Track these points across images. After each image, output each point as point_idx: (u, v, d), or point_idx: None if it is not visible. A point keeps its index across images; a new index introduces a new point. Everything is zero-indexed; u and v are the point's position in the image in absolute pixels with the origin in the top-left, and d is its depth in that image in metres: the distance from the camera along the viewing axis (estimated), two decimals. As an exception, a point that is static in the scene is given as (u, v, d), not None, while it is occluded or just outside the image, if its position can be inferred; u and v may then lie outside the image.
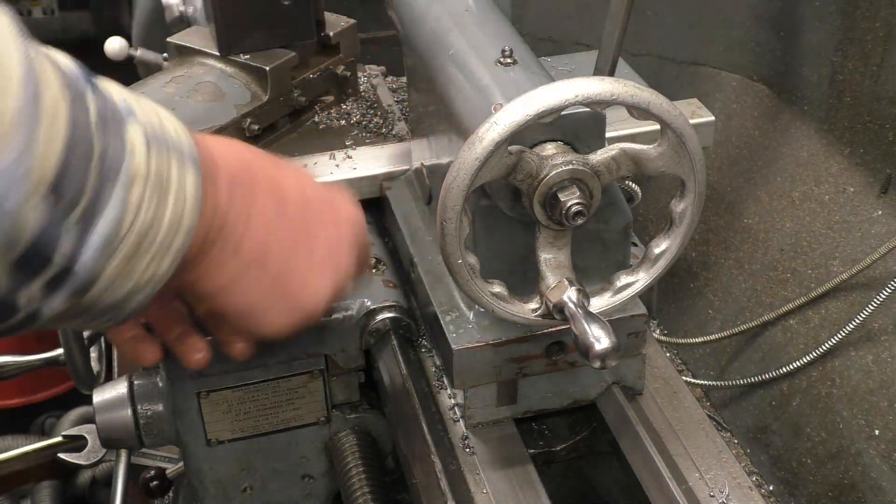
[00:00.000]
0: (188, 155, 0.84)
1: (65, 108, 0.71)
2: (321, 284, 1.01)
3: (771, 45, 1.61)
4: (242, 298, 0.97)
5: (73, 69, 0.76)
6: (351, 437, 1.30)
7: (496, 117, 0.89)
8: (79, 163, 0.72)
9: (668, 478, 1.05)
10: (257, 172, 0.96)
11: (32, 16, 3.37)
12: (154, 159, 0.80)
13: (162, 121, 0.84)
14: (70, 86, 0.73)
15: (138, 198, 0.78)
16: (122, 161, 0.76)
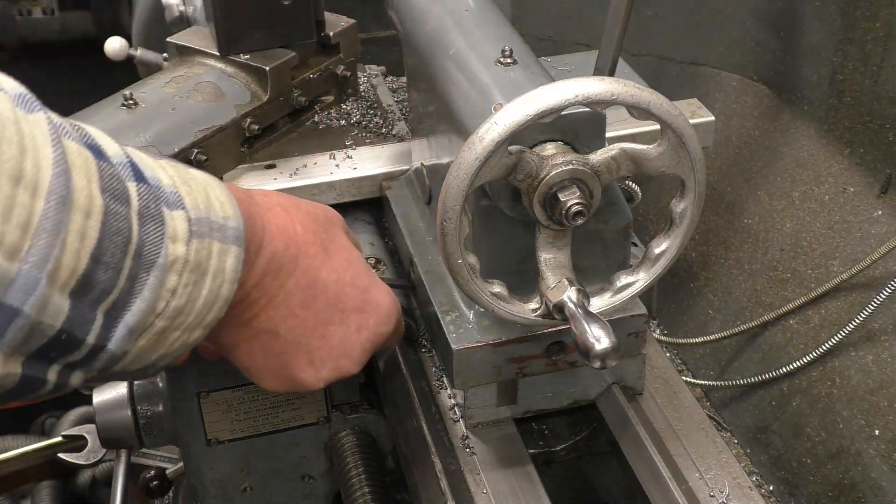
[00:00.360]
0: (232, 235, 0.85)
1: (100, 206, 0.71)
2: (324, 369, 1.03)
3: (771, 44, 1.61)
4: (245, 359, 1.00)
5: (120, 159, 0.76)
6: (351, 437, 1.30)
7: (496, 117, 0.89)
8: (112, 257, 0.72)
9: (668, 478, 1.05)
10: (301, 263, 0.98)
11: (32, 16, 3.37)
12: (195, 245, 0.80)
13: (210, 200, 0.84)
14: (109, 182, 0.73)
15: (174, 284, 0.79)
16: (159, 251, 0.77)
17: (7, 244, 0.65)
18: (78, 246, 0.69)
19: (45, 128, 0.68)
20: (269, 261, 0.94)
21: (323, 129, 1.45)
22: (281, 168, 1.36)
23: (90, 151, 0.72)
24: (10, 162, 0.64)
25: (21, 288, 0.66)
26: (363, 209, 1.38)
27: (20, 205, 0.65)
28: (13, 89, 0.68)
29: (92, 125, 1.24)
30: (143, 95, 1.31)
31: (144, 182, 0.77)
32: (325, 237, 1.02)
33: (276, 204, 0.99)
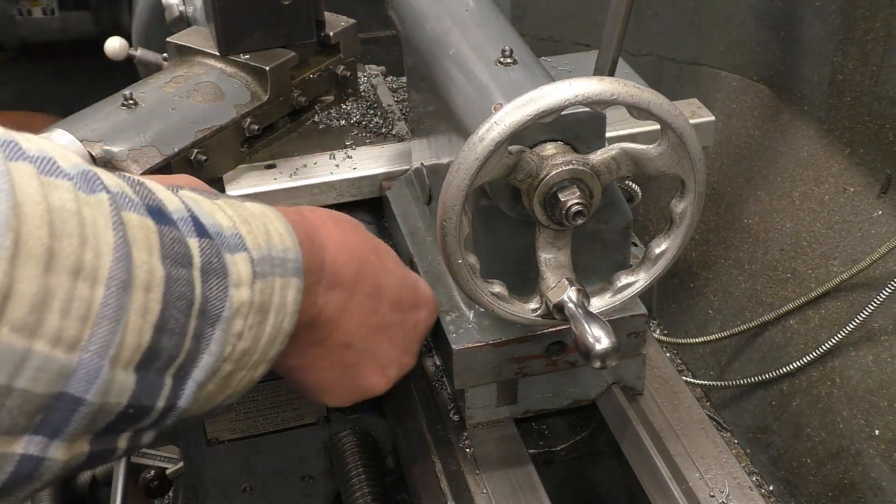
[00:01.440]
0: (292, 267, 0.85)
1: (161, 277, 0.70)
2: (392, 370, 1.06)
3: (771, 45, 1.61)
4: (316, 377, 1.02)
5: (181, 214, 0.76)
6: (351, 437, 1.30)
7: (496, 117, 0.89)
8: (176, 323, 0.72)
9: (668, 478, 1.05)
10: (363, 272, 1.00)
11: (32, 16, 3.37)
12: (259, 286, 0.80)
13: (270, 235, 0.84)
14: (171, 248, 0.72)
15: (239, 329, 0.79)
16: (224, 304, 0.76)
17: (67, 338, 0.64)
18: (140, 323, 0.69)
19: (107, 209, 0.67)
20: (334, 276, 0.95)
21: (323, 129, 1.45)
22: (281, 168, 1.36)
23: (151, 218, 0.72)
24: (71, 257, 0.64)
25: (83, 377, 0.66)
26: (363, 209, 1.38)
27: (79, 297, 0.64)
28: (74, 168, 0.67)
29: (92, 125, 1.25)
30: (143, 95, 1.31)
31: (205, 235, 0.76)
32: (372, 242, 1.05)
33: (327, 218, 1.00)
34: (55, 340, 0.63)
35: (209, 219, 0.79)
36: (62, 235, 0.63)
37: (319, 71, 1.45)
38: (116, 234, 0.67)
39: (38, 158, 0.65)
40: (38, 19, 3.37)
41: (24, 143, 0.65)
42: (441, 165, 1.17)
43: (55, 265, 0.63)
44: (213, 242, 0.77)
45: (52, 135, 1.22)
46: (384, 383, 1.06)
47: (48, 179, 0.64)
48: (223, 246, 0.78)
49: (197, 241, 0.75)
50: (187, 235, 0.75)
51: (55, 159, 0.66)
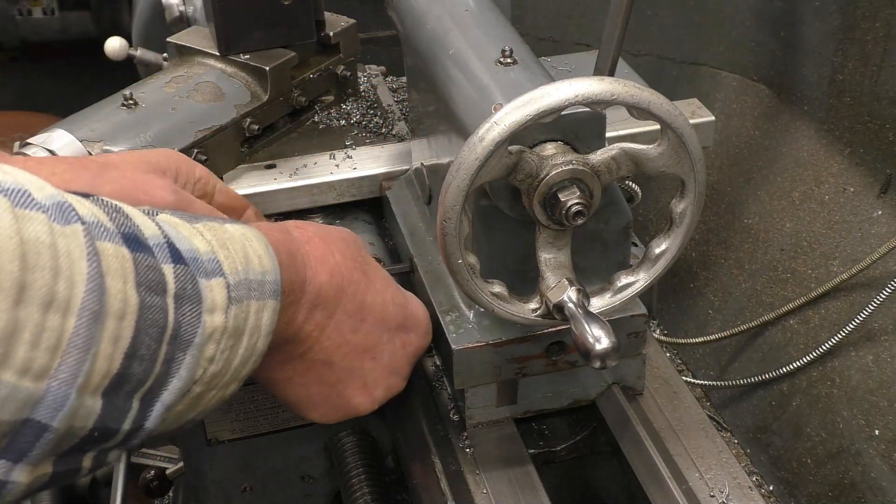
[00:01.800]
0: (269, 289, 0.86)
1: (135, 305, 0.71)
2: (377, 391, 1.06)
3: (771, 45, 1.61)
4: (299, 391, 1.02)
5: (157, 240, 0.76)
6: (351, 437, 1.30)
7: (496, 117, 0.89)
8: (147, 349, 0.73)
9: (668, 478, 1.05)
10: (346, 289, 1.00)
11: (32, 16, 3.37)
12: (233, 311, 0.81)
13: (248, 258, 0.84)
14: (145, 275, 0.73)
15: (211, 353, 0.79)
16: (197, 329, 0.77)
17: (35, 368, 0.65)
18: (111, 350, 0.69)
19: (81, 239, 0.68)
20: (317, 294, 0.96)
21: (323, 129, 1.45)
22: (281, 168, 1.35)
23: (126, 246, 0.72)
24: (43, 289, 0.64)
25: (50, 405, 0.66)
26: (363, 209, 1.38)
27: (50, 328, 0.65)
28: (49, 199, 0.67)
29: (92, 125, 1.25)
30: (143, 95, 1.31)
31: (181, 262, 0.77)
32: (361, 260, 1.04)
33: (313, 235, 1.00)
34: (23, 371, 0.64)
35: (186, 244, 0.79)
36: (35, 268, 0.64)
37: (319, 71, 1.45)
38: (90, 264, 0.68)
39: (12, 191, 0.65)
40: (38, 19, 3.37)
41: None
42: (441, 165, 1.17)
43: (26, 298, 0.63)
44: (188, 269, 0.77)
45: (52, 135, 1.22)
46: (369, 403, 1.06)
47: (22, 212, 0.65)
48: (199, 271, 0.78)
49: (172, 268, 0.76)
50: (162, 262, 0.75)
51: (30, 191, 0.66)
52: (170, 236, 0.78)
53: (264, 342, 0.86)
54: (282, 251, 0.90)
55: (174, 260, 0.76)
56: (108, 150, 1.23)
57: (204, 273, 0.79)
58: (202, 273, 0.78)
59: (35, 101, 3.08)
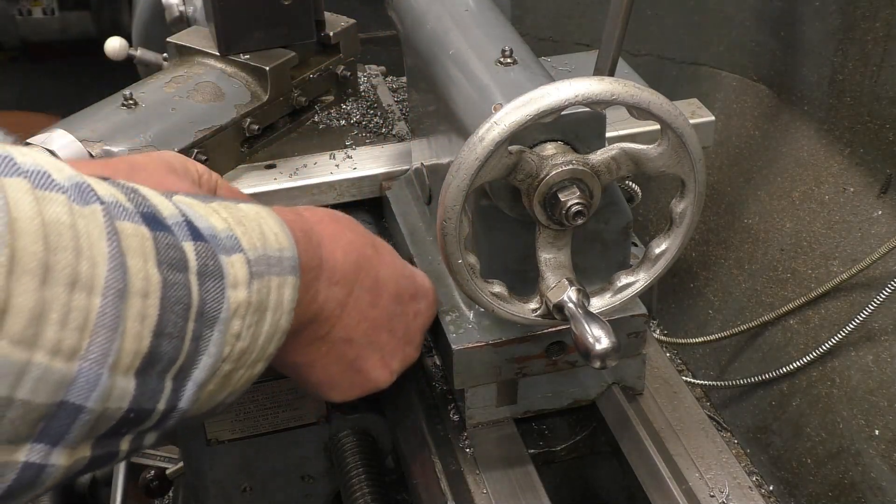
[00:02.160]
0: (288, 266, 0.86)
1: (158, 282, 0.71)
2: (395, 362, 1.07)
3: (771, 45, 1.61)
4: (320, 373, 1.03)
5: (176, 219, 0.76)
6: (351, 437, 1.30)
7: (496, 117, 0.89)
8: (175, 326, 0.73)
9: (668, 478, 1.05)
10: (362, 266, 1.01)
11: (32, 16, 3.37)
12: (255, 286, 0.81)
13: (265, 234, 0.85)
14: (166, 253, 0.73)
15: (237, 329, 0.79)
16: (221, 305, 0.77)
17: (66, 348, 0.65)
18: (139, 329, 0.70)
19: (101, 220, 0.68)
20: (333, 272, 0.96)
21: (323, 129, 1.45)
22: (281, 168, 1.36)
23: (145, 225, 0.72)
24: (66, 269, 0.65)
25: (83, 385, 0.66)
26: (363, 209, 1.38)
27: (76, 308, 0.65)
28: (69, 181, 0.68)
29: (92, 125, 1.25)
30: (143, 95, 1.31)
31: (200, 238, 0.77)
32: (369, 236, 1.05)
33: (323, 215, 1.01)
34: (54, 351, 0.64)
35: (204, 222, 0.79)
36: (57, 248, 0.64)
37: (319, 71, 1.45)
38: (111, 244, 0.68)
39: (32, 173, 0.66)
40: (38, 19, 3.37)
41: (18, 158, 0.66)
42: (441, 165, 1.17)
43: (51, 278, 0.64)
44: (208, 245, 0.77)
45: (52, 135, 1.22)
46: (388, 375, 1.07)
47: (43, 193, 0.65)
48: (219, 248, 0.78)
49: (192, 245, 0.76)
50: (182, 240, 0.75)
51: (49, 172, 0.67)
52: (187, 214, 0.78)
53: (287, 318, 0.86)
54: (296, 230, 0.90)
55: (194, 237, 0.77)
56: (109, 150, 1.23)
57: (224, 249, 0.79)
58: (222, 249, 0.79)
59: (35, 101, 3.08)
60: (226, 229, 0.81)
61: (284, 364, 1.00)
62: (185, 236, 0.76)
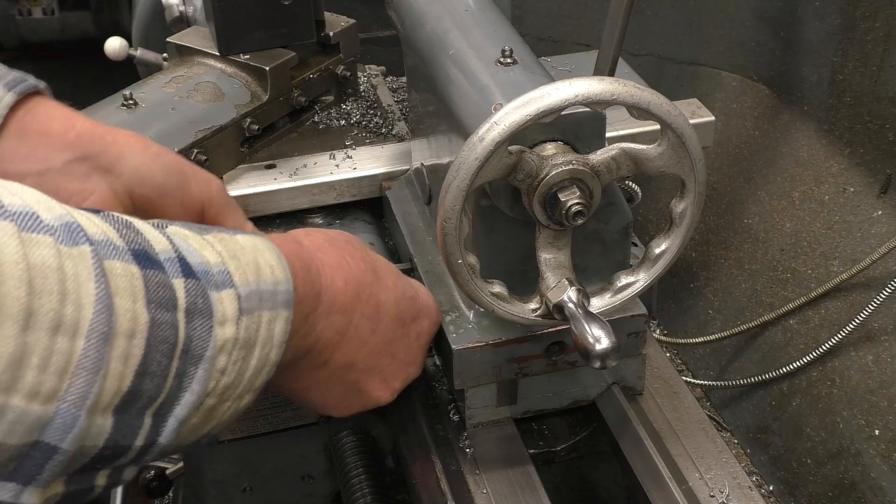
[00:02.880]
0: (282, 300, 0.85)
1: (145, 322, 0.71)
2: (396, 381, 1.07)
3: (771, 45, 1.61)
4: (320, 396, 1.03)
5: (168, 254, 0.76)
6: (351, 437, 1.30)
7: (496, 117, 0.89)
8: (159, 365, 0.72)
9: (668, 478, 1.05)
10: (362, 294, 1.00)
11: (32, 16, 3.37)
12: (244, 322, 0.80)
13: (259, 268, 0.84)
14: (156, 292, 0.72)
15: (223, 365, 0.79)
16: (208, 343, 0.76)
17: (44, 391, 0.64)
18: (122, 369, 0.69)
19: (89, 260, 0.67)
20: (332, 302, 0.95)
21: (323, 130, 1.45)
22: (281, 168, 1.35)
23: (136, 263, 0.72)
24: (50, 314, 0.64)
25: (59, 427, 0.66)
26: (363, 209, 1.38)
27: (58, 352, 0.65)
28: (57, 220, 0.67)
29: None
30: (143, 95, 1.31)
31: (192, 275, 0.76)
32: (369, 260, 1.04)
33: (323, 241, 1.00)
34: (32, 395, 0.64)
35: (196, 257, 0.78)
36: (42, 292, 0.64)
37: (319, 71, 1.44)
38: (98, 285, 0.67)
39: (19, 214, 0.65)
40: (38, 19, 3.36)
41: (6, 199, 0.65)
42: (441, 165, 1.17)
43: (33, 322, 0.63)
44: (198, 282, 0.77)
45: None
46: (389, 394, 1.07)
47: (29, 236, 0.65)
48: (209, 284, 0.78)
49: (183, 282, 0.75)
50: (173, 276, 0.75)
51: (37, 213, 0.66)
52: (180, 249, 0.77)
53: (277, 353, 0.85)
54: (295, 262, 0.90)
55: (185, 274, 0.76)
56: (108, 150, 1.23)
57: (214, 285, 0.78)
58: (212, 286, 0.78)
59: (35, 101, 3.07)
60: (218, 264, 0.80)
61: (283, 390, 1.01)
62: (176, 273, 0.75)
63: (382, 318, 1.02)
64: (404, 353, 1.06)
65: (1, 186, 0.67)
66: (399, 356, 1.06)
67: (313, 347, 0.95)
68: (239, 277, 0.81)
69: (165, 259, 0.75)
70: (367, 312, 1.00)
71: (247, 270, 0.82)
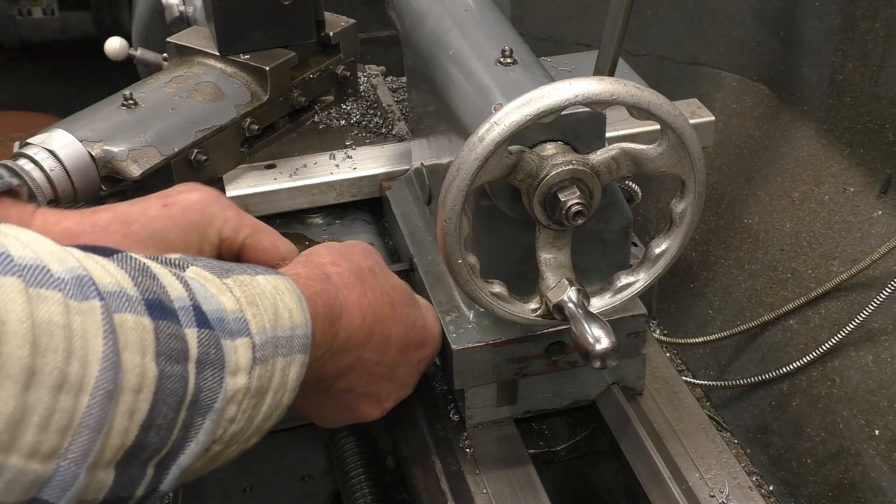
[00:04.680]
0: (298, 344, 0.84)
1: (154, 376, 0.69)
2: (388, 402, 1.07)
3: (771, 45, 1.61)
4: (314, 412, 1.04)
5: (183, 303, 0.74)
6: (351, 437, 1.30)
7: (496, 117, 0.89)
8: (165, 418, 0.71)
9: (668, 478, 1.05)
10: (375, 329, 0.99)
11: (32, 16, 3.37)
12: (258, 371, 0.79)
13: (278, 314, 0.82)
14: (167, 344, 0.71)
15: (232, 415, 0.78)
16: (217, 396, 0.75)
17: (44, 450, 0.63)
18: (126, 424, 0.68)
19: (98, 316, 0.66)
20: (348, 338, 0.95)
21: (323, 130, 1.45)
22: (281, 168, 1.36)
23: (149, 315, 0.70)
24: (54, 372, 0.63)
25: (58, 485, 0.65)
26: (363, 209, 1.38)
27: (61, 410, 0.63)
28: (68, 273, 0.66)
29: (92, 125, 1.25)
30: (143, 95, 1.31)
31: (206, 325, 0.75)
32: (388, 291, 1.03)
33: (350, 276, 0.98)
34: (31, 454, 0.63)
35: (212, 304, 0.77)
36: (46, 350, 0.63)
37: (319, 71, 1.45)
38: (106, 342, 0.66)
39: (29, 268, 0.64)
40: (38, 19, 3.36)
41: (17, 252, 0.64)
42: (441, 165, 1.17)
43: (35, 382, 0.62)
44: (212, 332, 0.75)
45: (52, 135, 1.22)
46: (379, 413, 1.07)
47: (37, 291, 0.63)
48: (224, 333, 0.76)
49: (196, 332, 0.74)
50: (186, 326, 0.73)
51: (48, 266, 0.65)
52: (196, 296, 0.76)
53: (290, 397, 0.85)
54: (318, 303, 0.89)
55: (198, 324, 0.74)
56: (109, 150, 1.23)
57: (229, 334, 0.77)
58: (227, 334, 0.77)
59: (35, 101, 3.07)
60: (235, 311, 0.78)
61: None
62: (189, 322, 0.74)
63: (390, 349, 1.02)
64: (403, 378, 1.07)
65: (13, 236, 0.66)
66: (397, 381, 1.06)
67: (318, 378, 0.95)
68: (256, 325, 0.79)
69: (180, 307, 0.74)
70: (377, 346, 1.00)
71: (264, 317, 0.80)
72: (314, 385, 0.95)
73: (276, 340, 0.81)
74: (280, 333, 0.82)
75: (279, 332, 0.82)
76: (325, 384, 0.98)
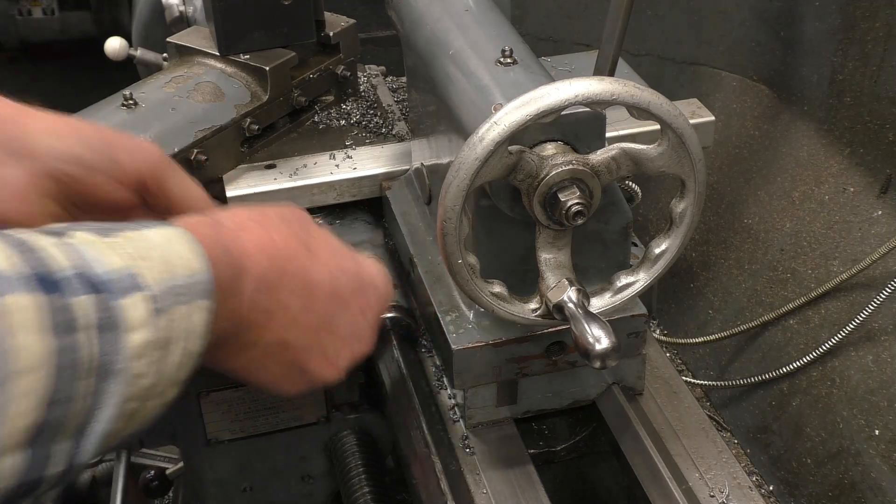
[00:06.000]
0: (199, 290, 0.83)
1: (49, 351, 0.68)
2: (340, 359, 1.03)
3: (771, 45, 1.61)
4: (263, 374, 0.99)
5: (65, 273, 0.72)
6: (351, 437, 1.30)
7: (496, 117, 0.89)
8: (70, 389, 0.70)
9: (668, 478, 1.05)
10: (288, 268, 0.96)
11: (32, 16, 3.37)
12: (160, 321, 0.78)
13: (172, 263, 0.81)
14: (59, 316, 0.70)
15: (140, 370, 0.76)
16: (118, 355, 0.74)
17: None
18: (26, 404, 0.67)
19: None
20: (258, 281, 0.92)
21: (323, 130, 1.45)
22: (281, 168, 1.36)
23: (39, 288, 0.69)
24: None
25: None
26: (363, 209, 1.38)
27: None
28: None
29: (92, 125, 1.24)
30: (143, 95, 1.31)
31: (94, 289, 0.73)
32: (303, 236, 1.00)
33: (248, 220, 0.97)
34: None
35: (100, 266, 0.76)
36: None
37: (319, 71, 1.44)
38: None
39: None
40: (38, 19, 3.36)
41: None
42: (441, 165, 1.17)
43: None
44: (100, 296, 0.74)
45: (52, 135, 1.22)
46: (335, 372, 1.03)
47: None
48: (114, 293, 0.75)
49: (85, 299, 0.72)
50: (74, 295, 0.72)
51: None
52: (84, 258, 0.75)
53: (200, 343, 0.83)
54: (214, 246, 0.87)
55: (86, 289, 0.73)
56: (108, 150, 1.23)
57: (121, 291, 0.75)
58: (119, 292, 0.75)
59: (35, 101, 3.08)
60: (125, 268, 0.77)
61: (223, 368, 0.97)
62: (77, 290, 0.72)
63: (315, 294, 0.99)
64: (347, 329, 1.02)
65: None
66: (340, 332, 1.02)
67: (239, 328, 0.92)
68: (150, 277, 0.78)
69: (64, 277, 0.72)
70: (296, 290, 0.97)
71: (156, 268, 0.79)
72: (239, 340, 0.94)
73: (175, 289, 0.80)
74: (178, 282, 0.81)
75: (177, 281, 0.81)
76: (250, 337, 0.95)
